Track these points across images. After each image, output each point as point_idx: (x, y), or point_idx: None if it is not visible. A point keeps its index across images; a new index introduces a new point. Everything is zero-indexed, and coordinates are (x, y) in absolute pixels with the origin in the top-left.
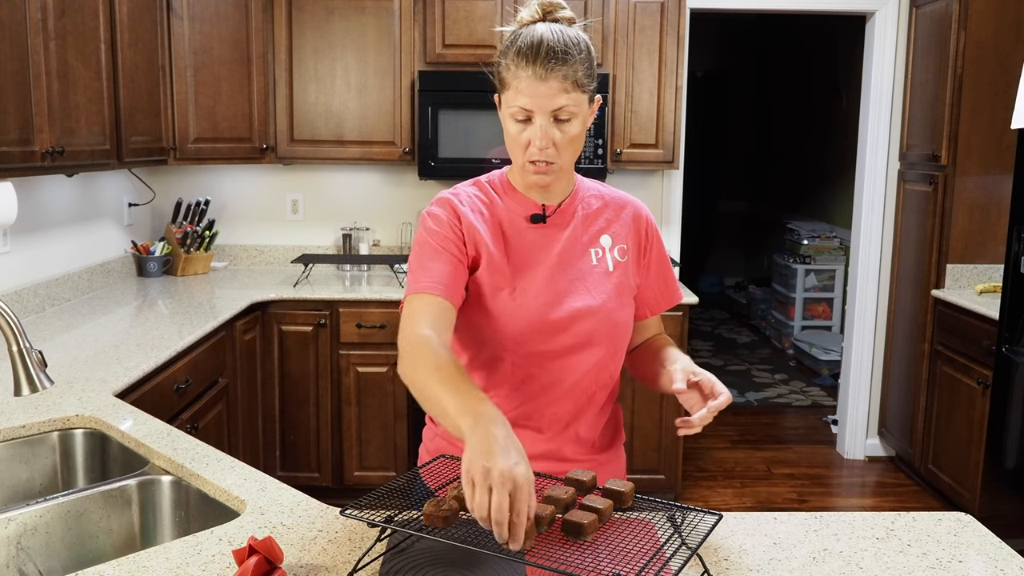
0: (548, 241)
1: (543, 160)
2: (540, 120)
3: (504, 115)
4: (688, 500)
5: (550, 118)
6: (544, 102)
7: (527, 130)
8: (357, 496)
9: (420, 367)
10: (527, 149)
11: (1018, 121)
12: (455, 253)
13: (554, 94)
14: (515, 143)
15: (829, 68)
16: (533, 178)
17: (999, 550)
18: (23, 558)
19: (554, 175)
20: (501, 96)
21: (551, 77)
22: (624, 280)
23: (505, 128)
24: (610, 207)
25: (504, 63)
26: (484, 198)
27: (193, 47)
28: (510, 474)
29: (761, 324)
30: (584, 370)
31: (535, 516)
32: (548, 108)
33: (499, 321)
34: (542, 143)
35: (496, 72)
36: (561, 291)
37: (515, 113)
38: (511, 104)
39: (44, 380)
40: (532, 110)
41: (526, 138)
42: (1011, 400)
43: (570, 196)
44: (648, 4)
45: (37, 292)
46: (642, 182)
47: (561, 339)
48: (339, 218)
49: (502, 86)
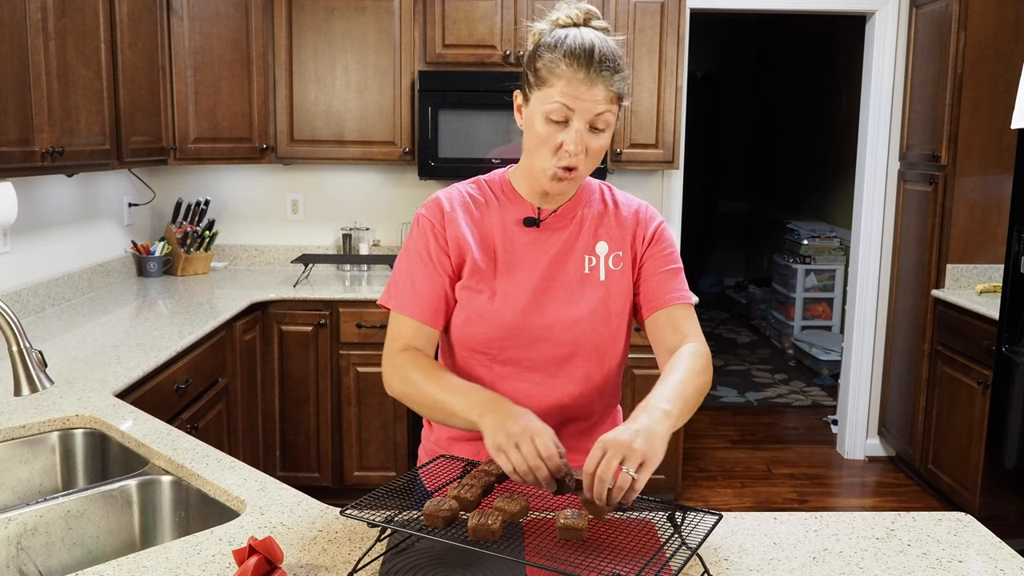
0: (540, 246)
1: (569, 167)
2: (578, 124)
3: (533, 113)
4: (688, 500)
5: (587, 125)
6: (588, 106)
7: (562, 132)
8: (357, 496)
9: (412, 381)
10: (558, 151)
11: (1018, 121)
12: (438, 266)
13: (598, 101)
14: (544, 144)
15: (829, 68)
16: (556, 186)
17: (999, 550)
18: (23, 558)
19: (573, 184)
20: (532, 93)
21: (599, 82)
22: (616, 290)
23: (531, 127)
24: (613, 212)
25: (547, 59)
26: (480, 198)
27: (193, 47)
28: (528, 428)
29: (761, 324)
30: (571, 382)
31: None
32: (590, 113)
33: (478, 325)
34: (576, 147)
35: (532, 67)
36: (545, 298)
37: (553, 111)
38: (550, 101)
39: (44, 380)
40: (574, 111)
41: (559, 140)
42: (1011, 400)
43: (571, 200)
44: (648, 4)
45: (37, 292)
46: (642, 182)
47: (543, 348)
48: (339, 218)
49: (539, 83)
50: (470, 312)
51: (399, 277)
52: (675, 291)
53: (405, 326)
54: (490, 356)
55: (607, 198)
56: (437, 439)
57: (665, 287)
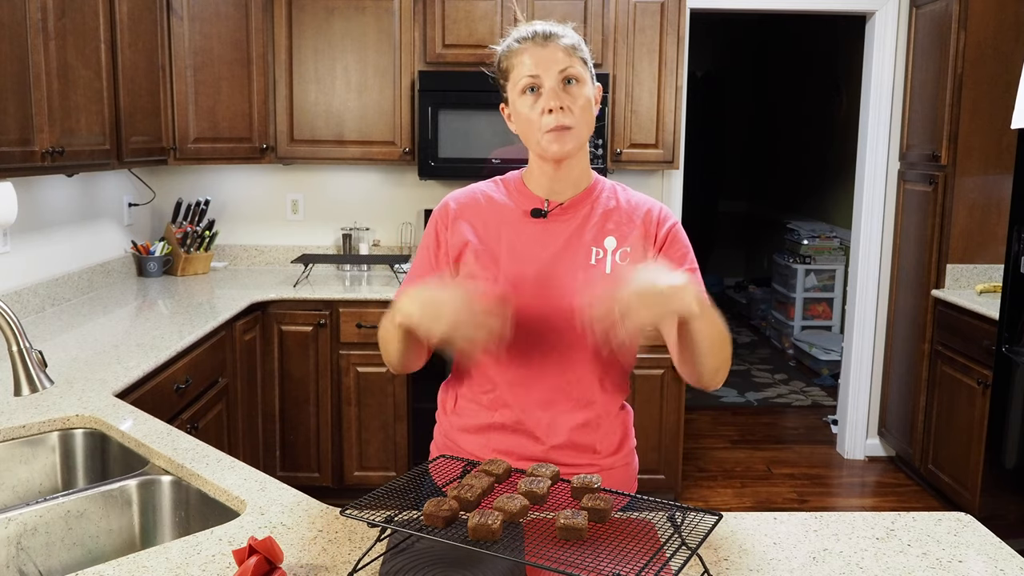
0: (547, 236)
1: (560, 125)
2: (549, 83)
3: (514, 101)
4: (688, 500)
5: (559, 82)
6: (550, 65)
7: (539, 100)
8: (357, 496)
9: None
10: (542, 117)
11: (1018, 121)
12: (439, 260)
13: (558, 58)
14: (530, 121)
15: (829, 68)
16: (554, 147)
17: (999, 550)
18: (23, 558)
19: (574, 142)
20: (507, 85)
21: (551, 43)
22: (621, 284)
23: (518, 114)
24: (625, 210)
25: (505, 53)
26: (494, 194)
27: (193, 47)
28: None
29: (761, 324)
30: (572, 371)
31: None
32: (555, 70)
33: None
34: (554, 101)
35: (498, 70)
36: (549, 286)
37: (524, 85)
38: (518, 81)
39: (44, 380)
40: (539, 75)
41: (539, 107)
42: (1011, 400)
43: (582, 192)
44: (648, 4)
45: (37, 292)
46: (642, 182)
47: (544, 334)
48: (339, 218)
49: (506, 75)
50: None
51: (410, 270)
52: None
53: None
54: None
55: (619, 195)
56: (447, 431)
57: None
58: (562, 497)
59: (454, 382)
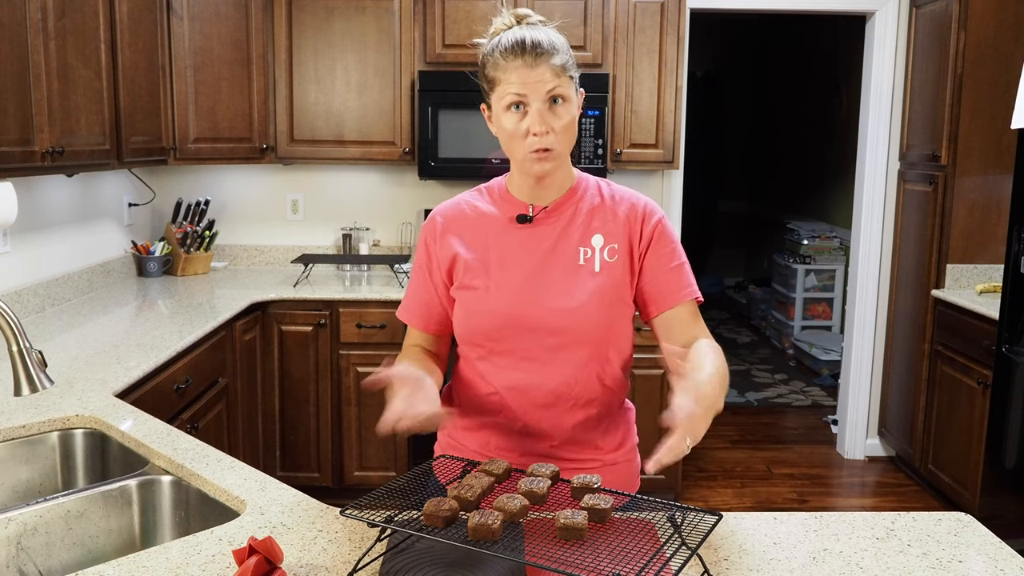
0: (534, 241)
1: (543, 147)
2: (536, 105)
3: (498, 112)
4: (688, 500)
5: (545, 103)
6: (537, 86)
7: (524, 120)
8: (357, 496)
9: None
10: (526, 138)
11: (1018, 121)
12: (430, 277)
13: (545, 79)
14: (513, 137)
15: (829, 68)
16: (536, 167)
17: (999, 550)
18: (23, 558)
19: (554, 162)
20: (491, 95)
21: (540, 63)
22: (611, 281)
23: (500, 126)
24: (609, 206)
25: (491, 62)
26: (479, 203)
27: (193, 47)
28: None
29: (761, 324)
30: (570, 372)
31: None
32: (542, 91)
33: (475, 319)
34: (541, 127)
35: (482, 75)
36: (540, 290)
37: (510, 102)
38: (504, 96)
39: (44, 380)
40: (526, 95)
41: (524, 127)
42: (1011, 400)
43: (565, 194)
44: (648, 4)
45: (37, 292)
46: (642, 182)
47: (538, 337)
48: (339, 218)
49: (491, 85)
50: (468, 308)
51: (407, 289)
52: (682, 289)
53: (408, 330)
54: (488, 348)
55: (603, 192)
56: (450, 430)
57: (671, 286)
58: (562, 497)
59: (455, 385)
